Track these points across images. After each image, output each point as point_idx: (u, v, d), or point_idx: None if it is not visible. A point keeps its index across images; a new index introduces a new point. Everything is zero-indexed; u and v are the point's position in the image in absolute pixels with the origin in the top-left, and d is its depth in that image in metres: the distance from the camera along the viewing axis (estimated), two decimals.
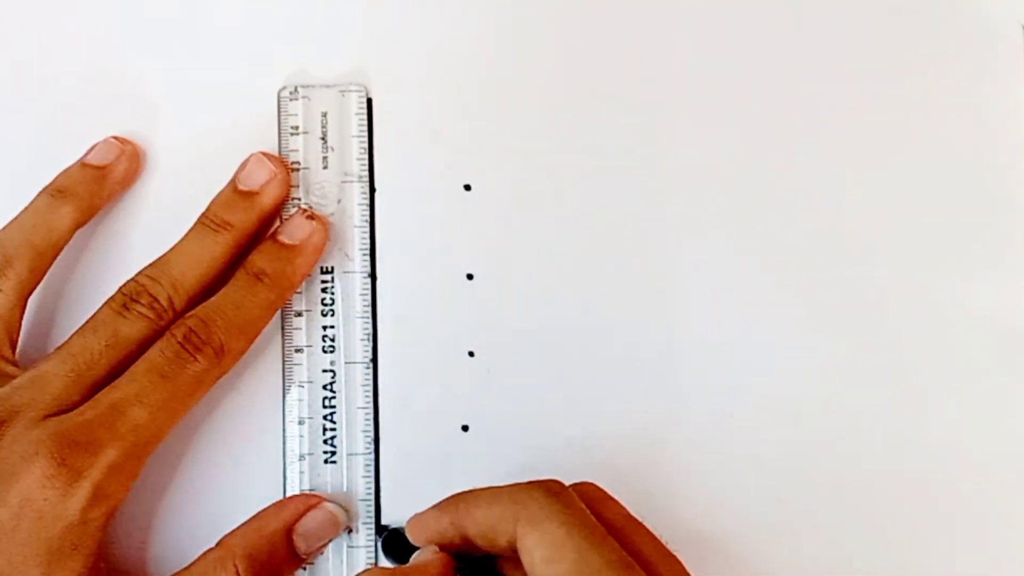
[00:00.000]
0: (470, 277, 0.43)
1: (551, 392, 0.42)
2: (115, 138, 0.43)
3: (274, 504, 0.41)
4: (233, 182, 0.42)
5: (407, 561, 0.38)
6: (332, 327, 0.42)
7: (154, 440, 0.38)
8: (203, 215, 0.41)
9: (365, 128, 0.43)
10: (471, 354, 0.42)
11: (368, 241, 0.43)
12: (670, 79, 0.43)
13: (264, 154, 0.42)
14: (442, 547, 0.37)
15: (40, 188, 0.41)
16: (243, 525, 0.40)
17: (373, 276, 0.43)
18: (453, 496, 0.37)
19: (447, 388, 0.42)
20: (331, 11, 0.44)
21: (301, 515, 0.40)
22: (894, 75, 0.44)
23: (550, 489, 0.35)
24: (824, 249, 0.43)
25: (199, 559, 0.39)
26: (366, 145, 0.43)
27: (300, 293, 0.42)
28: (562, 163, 0.43)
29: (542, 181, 0.43)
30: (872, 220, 0.43)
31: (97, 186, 0.42)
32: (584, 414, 0.42)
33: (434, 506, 0.38)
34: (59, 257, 0.41)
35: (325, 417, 0.42)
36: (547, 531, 0.34)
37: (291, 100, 0.43)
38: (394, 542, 0.41)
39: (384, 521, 0.42)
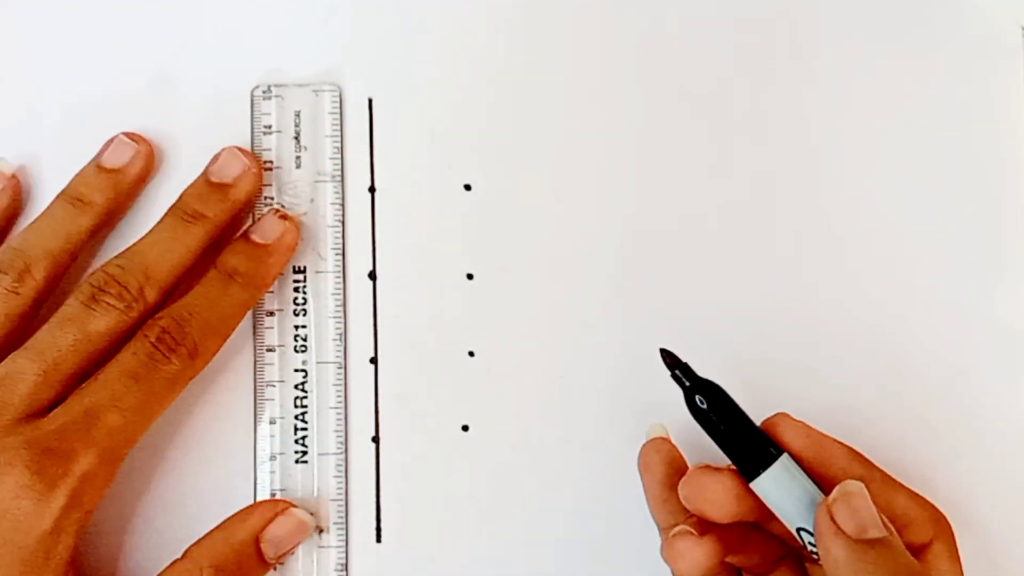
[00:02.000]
0: (470, 277, 0.43)
1: (551, 392, 0.42)
2: (128, 136, 0.42)
3: (241, 511, 0.40)
4: (205, 174, 0.41)
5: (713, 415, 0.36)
6: (304, 327, 0.42)
7: (128, 444, 0.38)
8: (175, 206, 0.41)
9: (338, 128, 0.43)
10: (471, 354, 0.42)
11: (341, 240, 0.42)
12: (670, 78, 0.43)
13: (237, 148, 0.42)
14: (818, 475, 0.36)
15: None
16: (209, 534, 0.40)
17: (373, 276, 0.43)
18: (865, 457, 0.37)
19: (447, 388, 0.42)
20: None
21: (269, 522, 0.40)
22: (894, 75, 0.44)
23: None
24: (824, 249, 0.43)
25: (165, 570, 0.38)
26: (339, 145, 0.43)
27: (272, 292, 0.42)
28: (562, 163, 0.43)
29: (542, 181, 0.43)
30: (871, 220, 0.43)
31: (114, 192, 0.41)
32: (584, 414, 0.42)
33: (837, 440, 0.37)
34: None
35: (297, 417, 0.42)
36: (958, 568, 0.37)
37: (264, 99, 0.43)
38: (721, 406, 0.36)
39: (383, 527, 0.42)
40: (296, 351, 0.42)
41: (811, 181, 0.43)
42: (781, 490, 0.35)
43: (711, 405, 0.36)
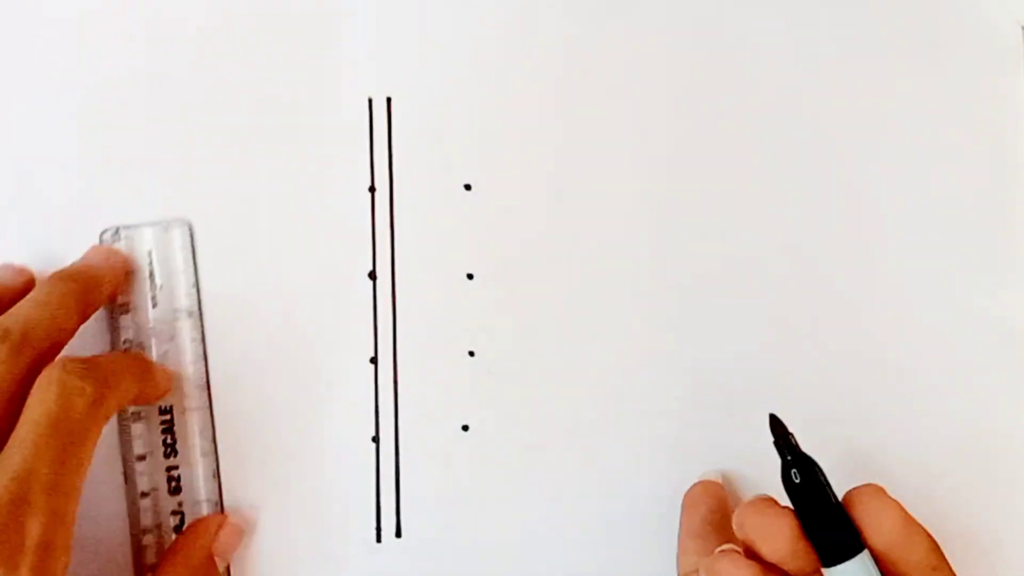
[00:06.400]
0: (470, 277, 0.43)
1: (551, 392, 0.42)
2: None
3: (188, 531, 0.40)
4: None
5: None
6: (176, 468, 0.41)
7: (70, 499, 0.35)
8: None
9: (191, 262, 0.42)
10: (471, 354, 0.42)
11: (204, 377, 0.41)
12: (670, 79, 0.43)
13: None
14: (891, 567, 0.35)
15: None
16: (170, 561, 0.40)
17: (373, 276, 0.43)
18: (941, 553, 0.36)
19: (447, 388, 0.42)
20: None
21: (216, 536, 0.40)
22: (894, 75, 0.44)
23: None
24: (823, 249, 0.43)
25: None
26: (194, 279, 0.42)
27: (140, 438, 0.41)
28: (562, 163, 0.43)
29: (542, 181, 0.43)
30: (871, 220, 0.43)
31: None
32: (584, 413, 0.42)
33: (922, 531, 0.36)
34: None
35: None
36: None
37: (114, 242, 0.41)
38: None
39: (383, 527, 0.42)
40: (171, 493, 0.41)
41: (809, 182, 0.43)
42: None
43: (804, 481, 0.35)
